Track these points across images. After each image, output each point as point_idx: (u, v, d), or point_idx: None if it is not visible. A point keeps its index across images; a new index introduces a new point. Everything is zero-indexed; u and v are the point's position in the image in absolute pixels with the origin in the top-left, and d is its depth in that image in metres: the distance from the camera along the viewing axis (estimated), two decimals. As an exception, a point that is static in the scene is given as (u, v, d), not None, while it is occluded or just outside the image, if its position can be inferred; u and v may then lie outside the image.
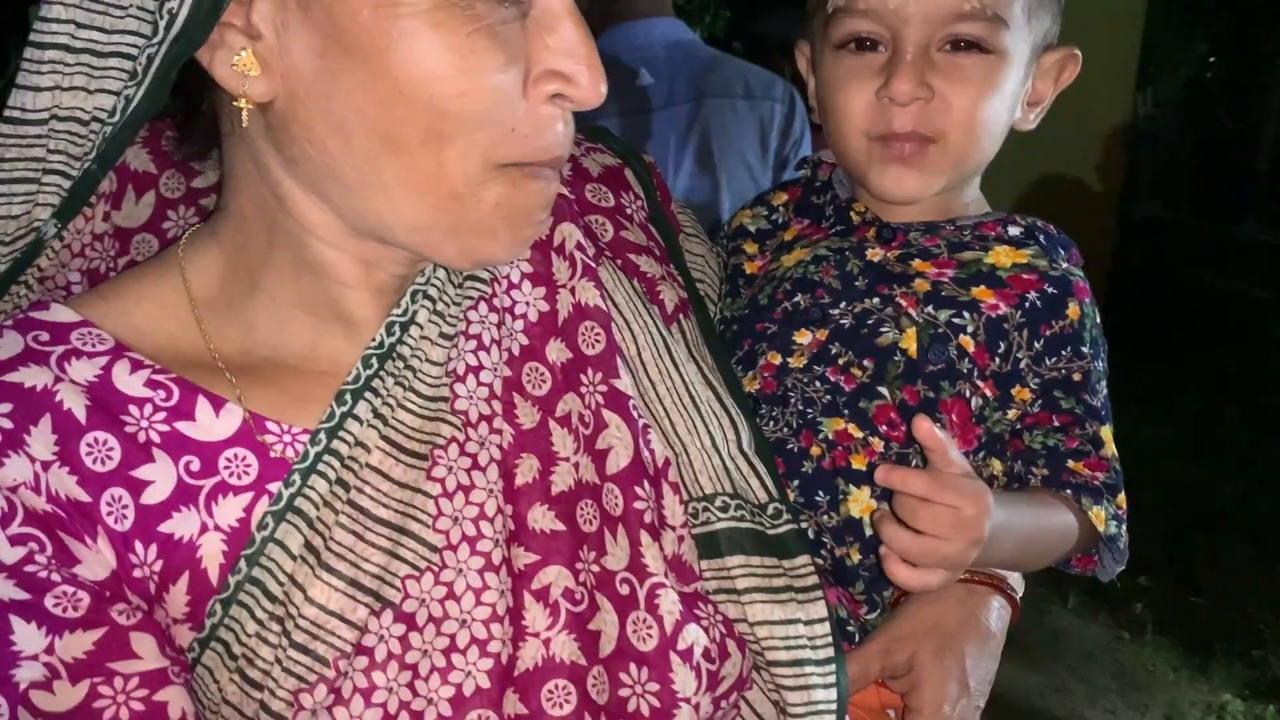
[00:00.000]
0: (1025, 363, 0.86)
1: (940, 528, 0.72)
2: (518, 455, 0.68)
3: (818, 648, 0.70)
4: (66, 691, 0.56)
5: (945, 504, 0.72)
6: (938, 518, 0.72)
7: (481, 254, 0.63)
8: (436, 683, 0.61)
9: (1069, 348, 0.86)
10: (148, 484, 0.60)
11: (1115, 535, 0.85)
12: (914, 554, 0.73)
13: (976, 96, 0.85)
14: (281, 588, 0.60)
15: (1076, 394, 0.86)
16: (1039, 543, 0.83)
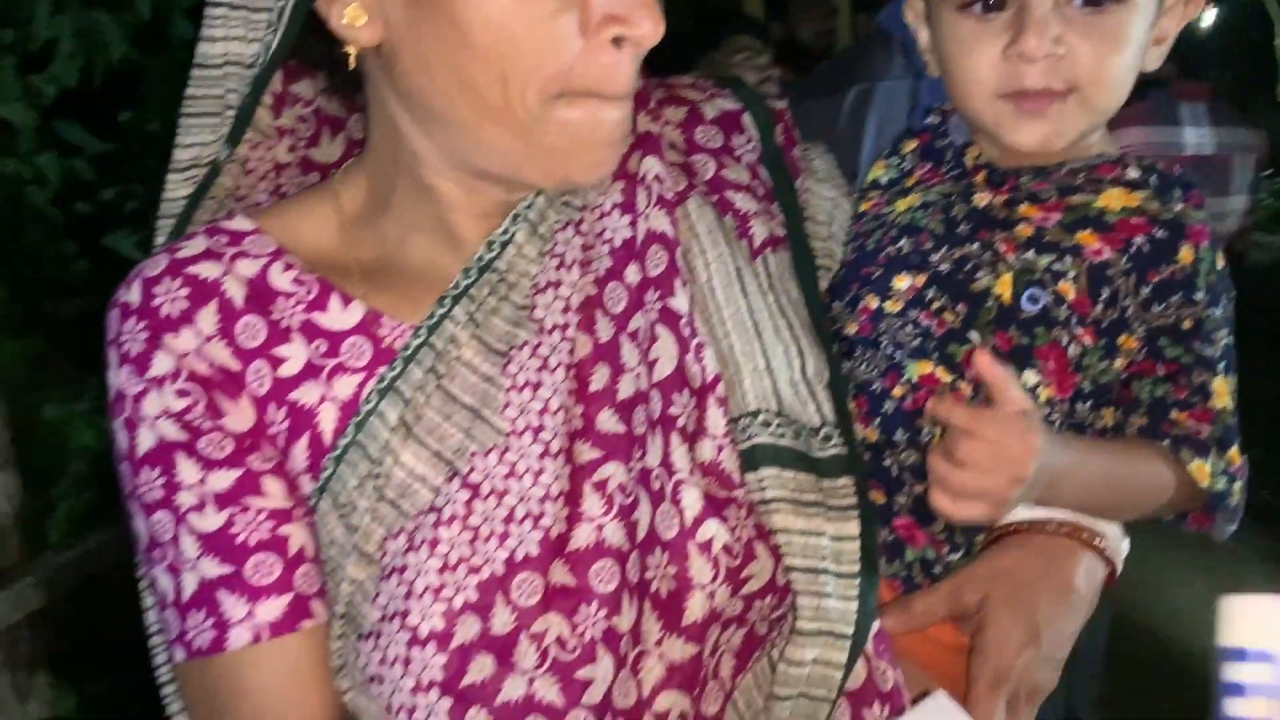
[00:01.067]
0: (1132, 309, 0.84)
1: (978, 460, 0.74)
2: (594, 364, 0.77)
3: (841, 562, 0.74)
4: (212, 516, 0.72)
5: (986, 439, 0.74)
6: (975, 451, 0.74)
7: (559, 175, 0.74)
8: (494, 545, 0.72)
9: (1179, 294, 0.83)
10: (284, 360, 0.75)
11: (1223, 493, 0.82)
12: (951, 484, 0.75)
13: (1110, 47, 0.84)
14: (378, 452, 0.73)
15: (1185, 342, 0.82)
16: (1117, 491, 0.82)
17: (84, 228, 3.08)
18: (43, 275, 3.06)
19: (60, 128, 3.00)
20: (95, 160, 3.09)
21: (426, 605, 0.70)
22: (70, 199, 3.07)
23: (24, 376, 2.83)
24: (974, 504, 0.76)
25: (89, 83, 2.96)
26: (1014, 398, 0.76)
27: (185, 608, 0.72)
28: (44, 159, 2.98)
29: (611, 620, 0.72)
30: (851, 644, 0.74)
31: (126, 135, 3.18)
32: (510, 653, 0.71)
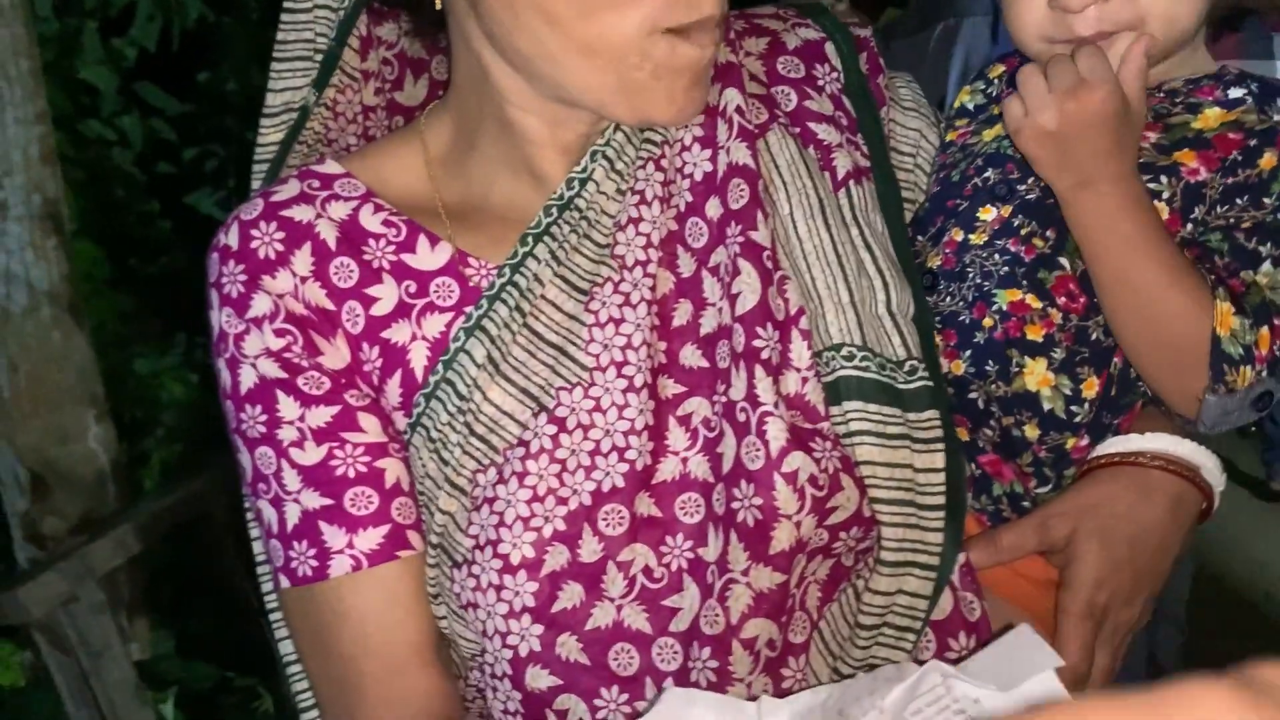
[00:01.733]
0: (1200, 215, 0.81)
1: (1054, 75, 0.78)
2: (676, 300, 0.78)
3: (926, 494, 0.74)
4: (312, 450, 0.74)
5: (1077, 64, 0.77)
6: (1059, 66, 0.78)
7: (648, 113, 0.74)
8: (581, 477, 0.74)
9: (1246, 196, 0.79)
10: (376, 300, 0.77)
11: (1230, 357, 0.76)
12: (1019, 75, 0.79)
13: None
14: (467, 388, 0.75)
15: (1231, 236, 0.79)
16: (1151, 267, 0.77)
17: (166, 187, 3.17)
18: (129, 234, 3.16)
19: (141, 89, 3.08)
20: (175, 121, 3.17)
21: (517, 534, 0.72)
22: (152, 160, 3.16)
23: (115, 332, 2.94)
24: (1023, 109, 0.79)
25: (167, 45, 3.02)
26: (1127, 77, 0.78)
27: (289, 538, 0.75)
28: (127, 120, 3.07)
29: (697, 551, 0.73)
30: (937, 576, 0.75)
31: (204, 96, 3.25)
32: (599, 581, 0.73)
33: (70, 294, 2.41)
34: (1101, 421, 0.85)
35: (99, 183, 3.07)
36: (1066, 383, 0.84)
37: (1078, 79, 0.77)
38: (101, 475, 2.46)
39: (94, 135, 3.00)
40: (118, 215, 3.11)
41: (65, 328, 2.40)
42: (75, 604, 2.23)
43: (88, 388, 2.43)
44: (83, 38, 2.86)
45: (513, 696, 0.74)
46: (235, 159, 3.00)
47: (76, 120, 2.96)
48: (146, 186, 3.14)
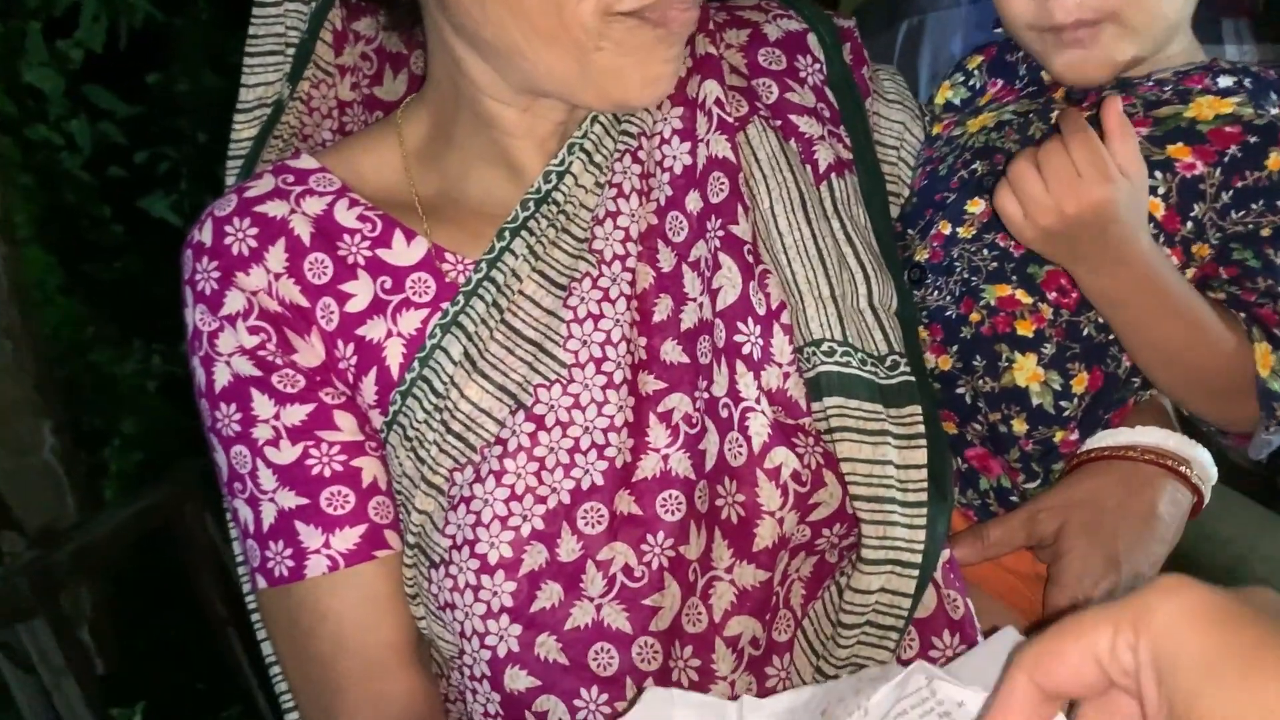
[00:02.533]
0: (1209, 217, 0.80)
1: (1052, 171, 0.74)
2: (656, 295, 0.77)
3: (908, 490, 0.73)
4: (287, 449, 0.73)
5: (1072, 157, 0.73)
6: (1055, 161, 0.74)
7: (612, 95, 0.72)
8: (560, 475, 0.72)
9: (1261, 201, 0.79)
10: (351, 296, 0.75)
11: (1276, 394, 0.78)
12: (1011, 175, 0.75)
13: None
14: (444, 386, 0.73)
15: (1257, 247, 0.79)
16: (1180, 325, 0.78)
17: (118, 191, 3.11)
18: (81, 240, 3.09)
19: (89, 92, 3.02)
20: (125, 124, 3.11)
21: (494, 534, 0.71)
22: (103, 164, 3.10)
23: (69, 340, 2.87)
24: (1016, 209, 0.76)
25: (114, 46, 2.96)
26: (1122, 156, 0.74)
27: (265, 538, 0.73)
28: (75, 124, 3.00)
29: (679, 549, 0.72)
30: (919, 573, 0.74)
31: (154, 98, 3.19)
32: (578, 580, 0.71)
33: (21, 303, 2.35)
34: (1093, 416, 0.85)
35: (48, 188, 3.00)
36: (1056, 378, 0.83)
37: (1073, 174, 0.74)
38: (60, 487, 2.41)
39: (41, 139, 2.93)
40: (69, 221, 3.04)
41: (16, 338, 2.34)
42: (35, 620, 2.18)
43: (43, 399, 2.38)
44: (26, 40, 2.79)
45: (492, 698, 0.73)
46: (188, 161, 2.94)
47: (23, 125, 2.90)
48: (98, 191, 3.07)
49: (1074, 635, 0.39)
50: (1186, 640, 0.36)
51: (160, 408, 2.70)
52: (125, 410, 2.75)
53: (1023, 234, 0.78)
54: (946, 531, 0.76)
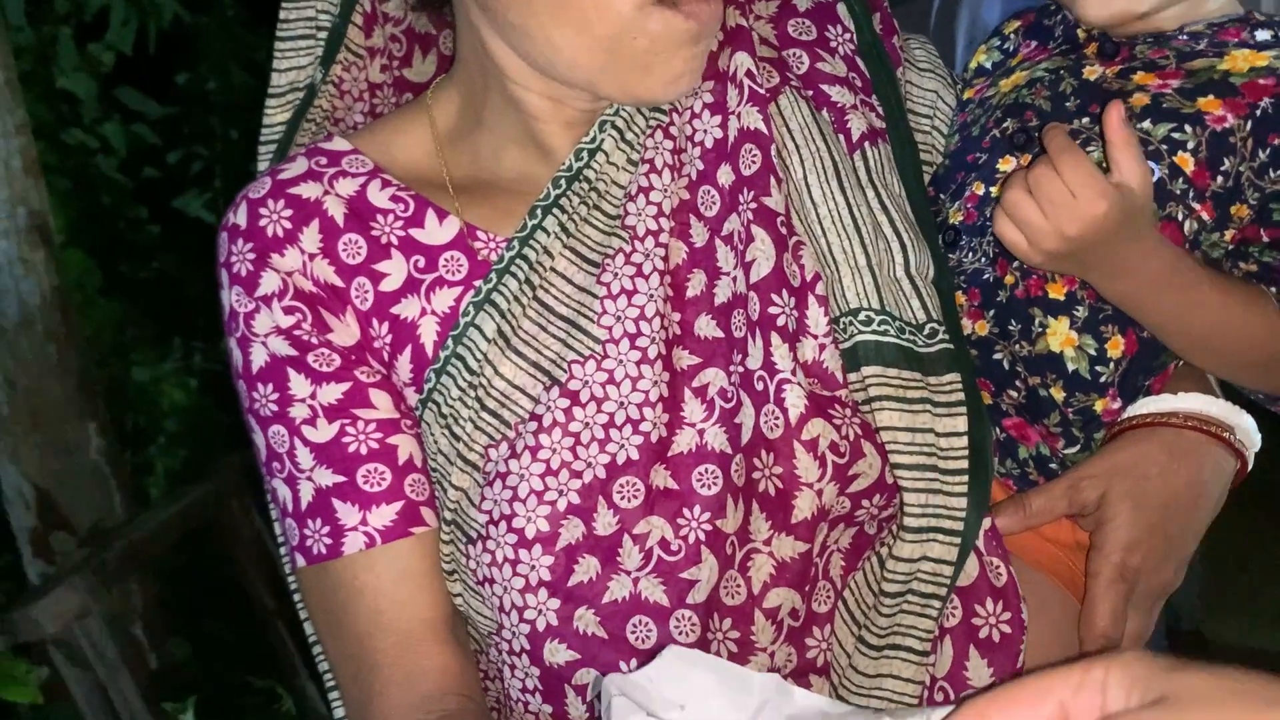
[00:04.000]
0: (1247, 176, 0.78)
1: (1045, 194, 0.72)
2: (690, 270, 0.76)
3: (948, 458, 0.73)
4: (324, 428, 0.73)
5: (1063, 180, 0.71)
6: (1046, 184, 0.72)
7: (637, 91, 0.72)
8: (595, 450, 0.72)
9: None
10: (385, 275, 0.75)
11: None
12: (1005, 202, 0.74)
13: None
14: (478, 363, 0.73)
15: None
16: (1207, 314, 0.77)
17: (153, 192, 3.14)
18: (118, 241, 3.13)
19: (121, 94, 3.05)
20: (157, 124, 3.14)
21: (531, 508, 0.71)
22: (137, 165, 3.13)
23: (110, 341, 2.91)
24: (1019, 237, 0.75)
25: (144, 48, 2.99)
26: (1123, 164, 0.73)
27: (303, 516, 0.73)
28: (108, 127, 3.03)
29: (715, 522, 0.71)
30: (961, 541, 0.73)
31: (185, 97, 3.22)
32: (615, 554, 0.71)
33: (63, 306, 2.38)
34: (1133, 382, 0.83)
35: (84, 191, 3.04)
36: (1090, 342, 0.81)
37: (1067, 196, 0.73)
38: (106, 486, 2.44)
39: (76, 143, 2.97)
40: (105, 223, 3.08)
41: (60, 341, 2.38)
42: (89, 617, 2.21)
43: (87, 399, 2.41)
44: (58, 45, 2.82)
45: (531, 672, 0.73)
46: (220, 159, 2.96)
47: (58, 129, 2.93)
48: (133, 192, 3.11)
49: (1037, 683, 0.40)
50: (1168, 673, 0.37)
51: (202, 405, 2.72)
52: (168, 408, 2.79)
53: (1030, 259, 0.77)
54: (988, 499, 0.75)
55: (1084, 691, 0.39)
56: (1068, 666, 0.39)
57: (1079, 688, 0.39)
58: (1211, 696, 0.36)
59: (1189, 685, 0.36)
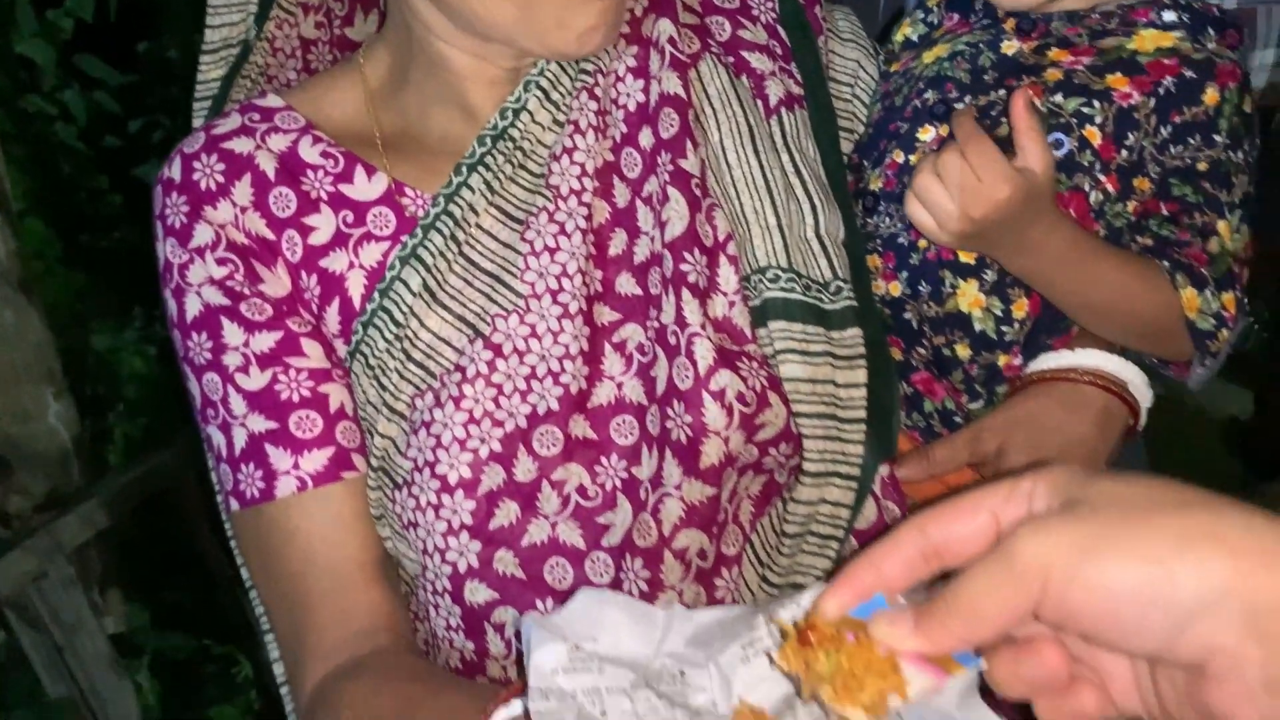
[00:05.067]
0: (1149, 151, 0.82)
1: (951, 178, 0.76)
2: (612, 230, 0.79)
3: (848, 407, 0.77)
4: (256, 375, 0.76)
5: (968, 163, 0.75)
6: (952, 168, 0.76)
7: (553, 44, 0.75)
8: (517, 401, 0.75)
9: (1198, 135, 0.82)
10: (314, 229, 0.78)
11: (1207, 333, 0.82)
12: (915, 187, 0.78)
13: None
14: (404, 316, 0.76)
15: (1195, 182, 0.82)
16: (1107, 290, 0.81)
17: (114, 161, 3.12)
18: (78, 210, 3.11)
19: (81, 62, 3.02)
20: (118, 93, 3.11)
21: (454, 455, 0.74)
22: (98, 133, 3.11)
23: (70, 310, 2.90)
24: (926, 217, 0.79)
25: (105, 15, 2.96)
26: (1027, 149, 0.77)
27: (236, 461, 0.76)
28: (68, 95, 3.01)
29: (631, 470, 0.75)
30: (858, 485, 0.77)
31: (146, 66, 3.19)
32: (534, 499, 0.74)
33: (20, 271, 2.38)
34: (1036, 342, 0.87)
35: (44, 160, 3.02)
36: (997, 304, 0.86)
37: (973, 180, 0.76)
38: (65, 452, 2.44)
39: (35, 110, 2.94)
40: (66, 192, 3.06)
41: (17, 306, 2.37)
42: (45, 580, 2.22)
43: (45, 365, 2.40)
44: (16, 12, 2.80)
45: (453, 611, 0.76)
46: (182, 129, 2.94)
47: (15, 96, 2.91)
48: (93, 161, 3.09)
49: (970, 497, 0.43)
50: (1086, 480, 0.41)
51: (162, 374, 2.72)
52: (128, 376, 2.79)
53: (938, 239, 0.82)
54: (891, 448, 0.79)
55: (1012, 501, 0.42)
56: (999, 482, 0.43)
57: (1008, 498, 0.42)
58: (1122, 499, 0.39)
59: (1102, 490, 0.40)
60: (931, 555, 0.44)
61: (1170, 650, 0.38)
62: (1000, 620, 0.41)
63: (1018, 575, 0.39)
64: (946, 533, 0.43)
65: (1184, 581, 0.36)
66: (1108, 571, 0.38)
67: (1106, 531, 0.38)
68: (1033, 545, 0.39)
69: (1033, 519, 0.40)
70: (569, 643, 0.55)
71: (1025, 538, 0.39)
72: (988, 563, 0.41)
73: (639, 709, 0.52)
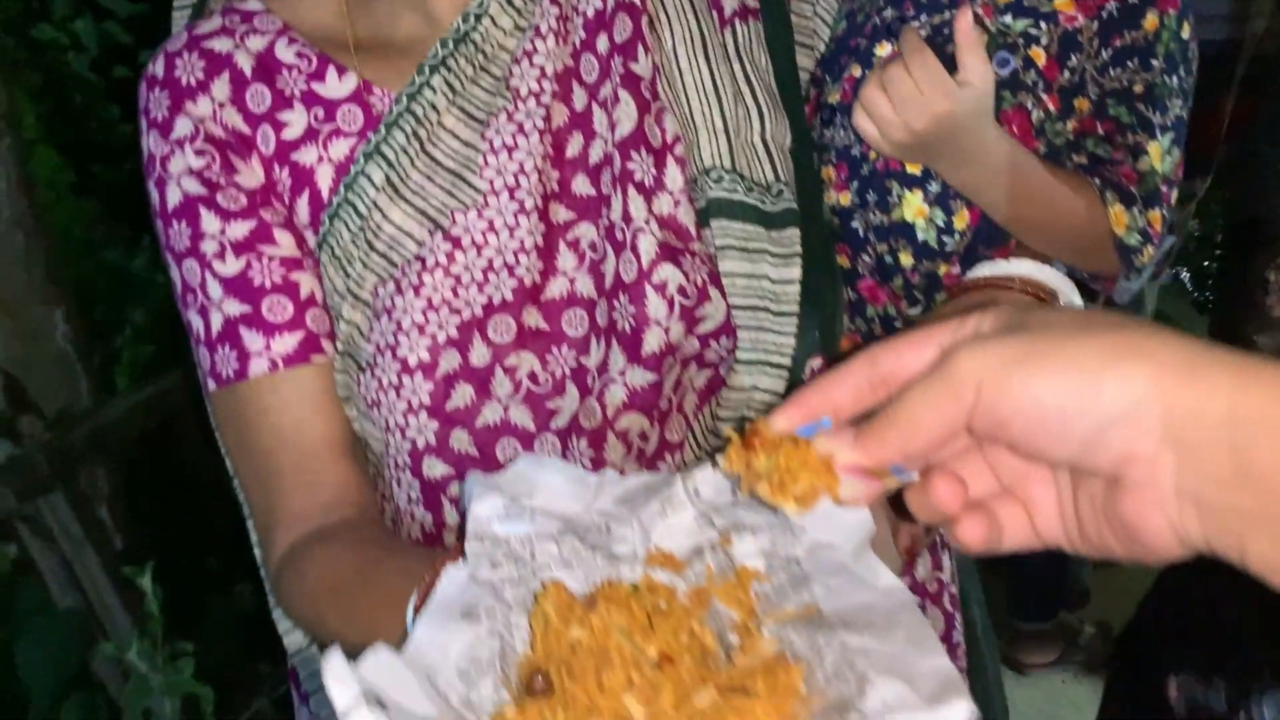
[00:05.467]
0: (1089, 72, 0.86)
1: (896, 90, 0.81)
2: (570, 132, 0.83)
3: (781, 302, 0.81)
4: (232, 262, 0.81)
5: (912, 77, 0.80)
6: (898, 81, 0.81)
7: None
8: (474, 291, 0.80)
9: (1136, 59, 0.85)
10: (287, 125, 0.82)
11: (1132, 248, 0.86)
12: (867, 100, 0.83)
13: None
14: (367, 209, 0.81)
15: (1130, 103, 0.85)
16: (1041, 203, 0.86)
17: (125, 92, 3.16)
18: (90, 140, 3.16)
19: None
20: (128, 23, 3.14)
21: (413, 340, 0.79)
22: (109, 64, 3.15)
23: (80, 239, 2.96)
24: (870, 126, 0.83)
25: (116, -54, 2.99)
26: (968, 65, 0.81)
27: (213, 343, 0.81)
28: (80, 24, 3.04)
29: (580, 359, 0.80)
30: (789, 375, 0.82)
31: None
32: (488, 383, 0.79)
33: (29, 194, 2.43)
34: (974, 252, 0.92)
35: (56, 89, 3.06)
36: (940, 215, 0.90)
37: (916, 93, 0.80)
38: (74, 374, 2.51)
39: (47, 40, 2.98)
40: (77, 122, 3.11)
41: (27, 228, 2.43)
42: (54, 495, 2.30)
43: (54, 288, 2.47)
44: (28, -60, 2.84)
45: (413, 485, 0.82)
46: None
47: (27, 26, 2.95)
48: (105, 91, 3.13)
49: (920, 331, 0.46)
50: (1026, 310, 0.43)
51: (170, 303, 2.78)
52: (136, 302, 2.85)
53: (881, 149, 0.86)
54: (826, 344, 0.84)
55: (959, 334, 0.43)
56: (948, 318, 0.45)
57: (955, 331, 0.44)
58: (1058, 322, 0.41)
59: (1040, 316, 0.42)
60: (879, 384, 0.46)
61: (1090, 458, 0.39)
62: (935, 431, 0.43)
63: (954, 387, 0.41)
64: (895, 364, 0.45)
65: (1108, 390, 0.38)
66: (1036, 382, 0.39)
67: (1038, 348, 0.40)
68: (968, 360, 0.41)
69: (971, 339, 0.42)
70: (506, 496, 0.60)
71: (962, 353, 0.41)
72: (927, 378, 0.43)
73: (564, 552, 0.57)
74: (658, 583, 0.54)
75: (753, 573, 0.54)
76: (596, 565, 0.56)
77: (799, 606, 0.50)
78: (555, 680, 0.47)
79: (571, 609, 0.51)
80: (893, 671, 0.43)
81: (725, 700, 0.44)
